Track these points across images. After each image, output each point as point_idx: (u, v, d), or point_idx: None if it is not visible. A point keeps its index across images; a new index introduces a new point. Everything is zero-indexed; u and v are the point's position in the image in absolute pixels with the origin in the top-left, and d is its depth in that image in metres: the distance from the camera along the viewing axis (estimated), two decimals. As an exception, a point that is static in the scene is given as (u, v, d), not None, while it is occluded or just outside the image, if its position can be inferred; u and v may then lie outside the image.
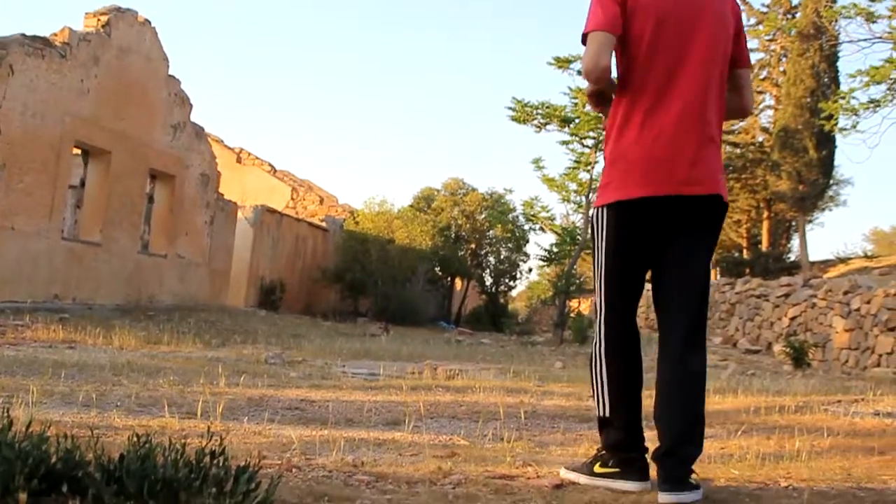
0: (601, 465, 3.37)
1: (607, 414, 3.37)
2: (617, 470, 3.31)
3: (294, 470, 3.45)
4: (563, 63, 22.40)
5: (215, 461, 2.79)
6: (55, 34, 14.58)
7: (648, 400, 3.38)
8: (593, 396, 3.45)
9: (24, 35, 13.64)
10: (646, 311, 24.43)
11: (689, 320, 3.26)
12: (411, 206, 35.99)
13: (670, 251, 3.31)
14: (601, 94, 3.44)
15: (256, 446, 3.99)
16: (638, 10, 3.26)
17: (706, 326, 3.33)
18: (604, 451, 3.40)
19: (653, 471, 3.23)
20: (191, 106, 19.23)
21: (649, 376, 3.44)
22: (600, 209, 3.37)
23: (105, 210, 16.17)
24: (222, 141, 28.95)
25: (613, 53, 3.31)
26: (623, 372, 3.39)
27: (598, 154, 22.20)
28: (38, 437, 2.75)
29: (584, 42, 3.28)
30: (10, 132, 13.22)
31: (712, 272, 30.30)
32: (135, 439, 2.81)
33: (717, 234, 3.38)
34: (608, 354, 3.38)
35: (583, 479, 3.39)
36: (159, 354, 9.37)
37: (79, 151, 15.94)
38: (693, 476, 3.10)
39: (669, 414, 3.20)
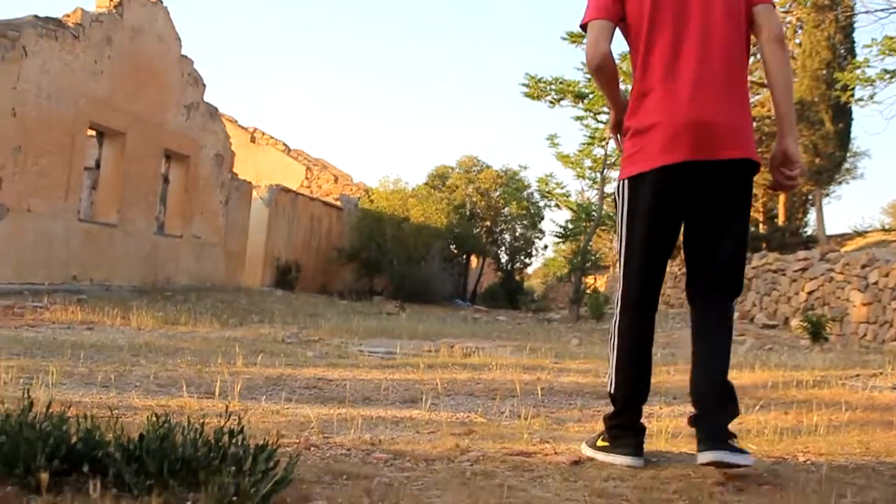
0: (602, 440, 3.41)
1: (612, 390, 3.39)
2: (607, 444, 3.37)
3: (312, 448, 3.47)
4: (576, 38, 22.26)
5: (234, 440, 2.80)
6: (68, 15, 14.58)
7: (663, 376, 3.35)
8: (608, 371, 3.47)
9: (36, 16, 13.64)
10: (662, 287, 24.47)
11: (725, 286, 3.23)
12: (426, 183, 35.99)
13: (699, 221, 3.23)
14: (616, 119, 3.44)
15: (275, 425, 4.00)
16: None
17: (740, 293, 3.29)
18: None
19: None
20: (204, 86, 19.23)
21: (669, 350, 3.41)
22: (622, 182, 3.30)
23: (120, 191, 16.22)
24: (236, 121, 28.97)
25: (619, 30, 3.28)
26: (632, 350, 3.37)
27: (612, 129, 22.13)
28: (59, 418, 2.76)
29: (584, 31, 3.28)
30: (25, 114, 13.26)
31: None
32: (154, 419, 2.82)
33: (747, 198, 3.26)
34: (621, 331, 3.36)
35: (587, 450, 3.45)
36: (177, 335, 9.41)
37: (93, 133, 15.98)
38: (736, 441, 3.09)
39: (698, 374, 3.19)
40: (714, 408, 3.11)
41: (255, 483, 2.58)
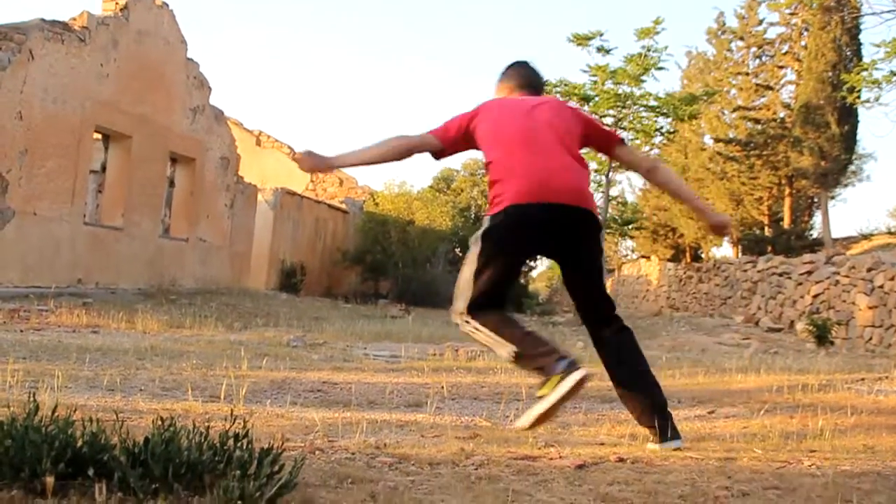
0: (539, 388, 3.74)
1: (516, 349, 3.85)
2: (548, 379, 3.71)
3: (317, 452, 3.47)
4: (581, 40, 22.23)
5: (239, 444, 2.80)
6: (74, 18, 14.61)
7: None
8: (496, 353, 3.96)
9: (43, 20, 13.67)
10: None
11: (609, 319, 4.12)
12: (431, 186, 36.06)
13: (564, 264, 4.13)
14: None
15: (279, 429, 4.01)
16: (486, 133, 4.05)
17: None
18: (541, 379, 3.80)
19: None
20: (209, 89, 19.26)
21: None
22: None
23: (126, 194, 16.25)
24: (241, 124, 29.00)
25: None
26: (493, 313, 4.00)
27: (617, 132, 22.07)
28: (65, 422, 2.77)
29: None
30: (31, 117, 13.29)
31: (734, 250, 30.10)
32: (159, 423, 2.83)
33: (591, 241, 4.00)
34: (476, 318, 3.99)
35: (541, 407, 3.73)
36: (182, 338, 9.42)
37: (99, 136, 16.00)
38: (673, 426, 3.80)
39: (637, 397, 3.89)
40: (659, 412, 3.80)
41: (260, 487, 2.58)
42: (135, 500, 2.57)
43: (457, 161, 38.30)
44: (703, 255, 32.21)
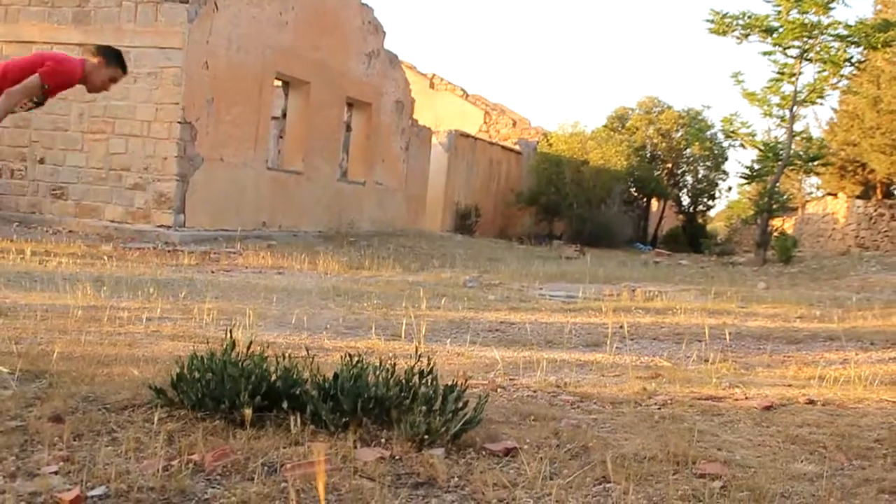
0: None
1: None
2: None
3: (499, 390, 3.51)
4: (763, -30, 21.28)
5: (424, 380, 2.86)
6: (254, -31, 14.98)
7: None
8: None
9: (225, -28, 14.08)
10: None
11: None
12: (605, 126, 35.48)
13: None
14: None
15: (460, 367, 4.07)
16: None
17: None
18: None
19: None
20: (384, 33, 19.45)
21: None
22: None
23: (306, 139, 16.68)
24: (415, 67, 29.21)
25: None
26: None
27: (802, 64, 21.08)
28: (259, 357, 2.89)
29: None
30: (217, 66, 13.77)
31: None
32: (347, 359, 2.92)
33: None
34: None
35: None
36: (362, 279, 9.67)
37: (279, 83, 16.45)
38: None
39: None
40: None
41: (446, 422, 2.63)
42: (326, 432, 2.67)
43: (632, 99, 37.45)
44: None
